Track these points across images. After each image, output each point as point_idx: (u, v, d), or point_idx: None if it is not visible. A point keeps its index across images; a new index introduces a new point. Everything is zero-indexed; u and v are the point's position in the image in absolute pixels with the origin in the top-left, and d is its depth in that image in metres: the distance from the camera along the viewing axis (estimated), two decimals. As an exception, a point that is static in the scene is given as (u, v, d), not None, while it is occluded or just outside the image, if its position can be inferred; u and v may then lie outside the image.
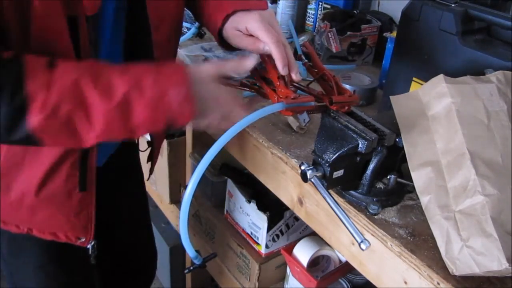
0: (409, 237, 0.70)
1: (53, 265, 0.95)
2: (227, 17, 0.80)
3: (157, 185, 1.66)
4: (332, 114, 0.73)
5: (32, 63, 0.61)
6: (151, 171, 1.11)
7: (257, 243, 1.26)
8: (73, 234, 0.87)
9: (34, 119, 0.60)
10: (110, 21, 0.77)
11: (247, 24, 0.77)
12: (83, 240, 0.89)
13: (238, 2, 0.80)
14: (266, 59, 0.77)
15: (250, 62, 0.73)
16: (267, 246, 1.24)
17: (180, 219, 0.73)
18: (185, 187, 1.54)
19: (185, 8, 0.93)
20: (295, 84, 0.80)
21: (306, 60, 0.84)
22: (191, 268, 0.85)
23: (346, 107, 0.74)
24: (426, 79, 0.72)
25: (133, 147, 1.15)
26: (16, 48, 0.64)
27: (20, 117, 0.60)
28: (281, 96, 0.73)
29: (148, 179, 1.16)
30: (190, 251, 0.80)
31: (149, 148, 1.02)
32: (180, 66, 0.68)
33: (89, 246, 0.90)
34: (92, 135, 0.63)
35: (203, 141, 1.38)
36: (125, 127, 0.64)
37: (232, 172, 1.34)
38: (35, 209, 0.82)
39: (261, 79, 0.78)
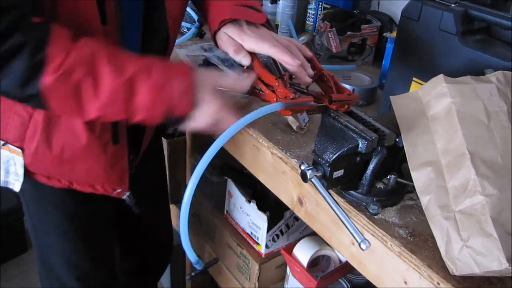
0: (409, 237, 0.70)
1: (75, 233, 1.01)
2: (224, 22, 0.81)
3: (157, 185, 1.66)
4: (332, 114, 0.73)
5: (58, 31, 0.67)
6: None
7: (257, 243, 1.26)
8: (109, 185, 0.93)
9: (47, 78, 0.65)
10: None
11: (255, 47, 0.78)
12: (119, 191, 0.95)
13: (239, 9, 0.82)
14: (258, 68, 0.78)
15: (247, 82, 0.75)
16: (267, 246, 1.24)
17: (180, 223, 0.72)
18: (185, 187, 1.55)
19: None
20: (294, 86, 0.81)
21: None
22: (193, 274, 0.83)
23: (346, 106, 0.74)
24: (426, 79, 0.72)
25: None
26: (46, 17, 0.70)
27: (36, 73, 0.65)
28: (280, 96, 0.74)
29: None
30: (191, 256, 0.79)
31: None
32: (187, 64, 0.73)
33: (124, 196, 0.97)
34: (95, 106, 0.68)
35: (203, 141, 1.38)
36: (126, 105, 0.68)
37: (232, 172, 1.34)
38: (74, 163, 0.88)
39: (259, 80, 0.78)
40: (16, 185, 0.90)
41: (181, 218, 0.72)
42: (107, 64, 0.67)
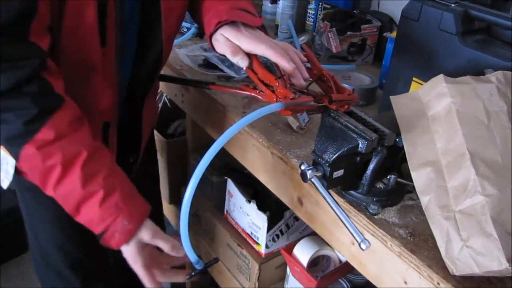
0: (409, 237, 0.70)
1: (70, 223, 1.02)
2: (220, 23, 0.80)
3: (157, 185, 1.66)
4: (332, 114, 0.73)
5: (68, 109, 0.72)
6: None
7: (257, 243, 1.25)
8: None
9: (29, 148, 0.69)
10: (128, 5, 0.83)
11: (250, 46, 0.78)
12: None
13: (236, 12, 0.81)
14: (258, 68, 0.78)
15: (182, 254, 0.80)
16: (267, 246, 1.24)
17: (180, 223, 0.72)
18: (186, 187, 1.54)
19: None
20: (294, 86, 0.81)
21: (304, 63, 0.84)
22: (193, 274, 0.84)
23: (346, 106, 0.74)
24: (426, 79, 0.72)
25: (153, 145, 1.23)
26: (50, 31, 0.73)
27: (21, 138, 0.69)
28: (280, 96, 0.74)
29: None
30: (191, 256, 0.79)
31: None
32: (146, 207, 0.79)
33: None
34: (51, 191, 0.74)
35: (203, 141, 1.38)
36: (74, 208, 0.74)
37: (232, 172, 1.34)
38: None
39: (259, 80, 0.78)
40: (4, 182, 0.91)
41: (181, 218, 0.72)
42: (80, 169, 0.71)
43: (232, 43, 0.79)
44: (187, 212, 0.71)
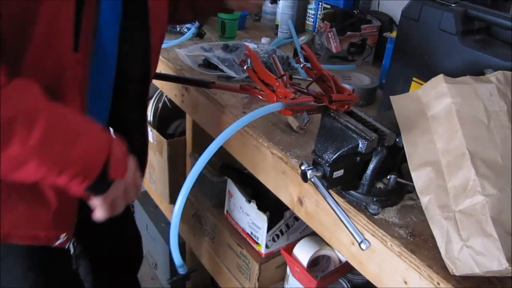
0: (409, 237, 0.70)
1: (35, 272, 0.94)
2: None
3: (157, 185, 1.66)
4: (332, 114, 0.73)
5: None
6: None
7: (257, 243, 1.26)
8: (54, 233, 0.86)
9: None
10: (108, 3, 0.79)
11: None
12: (63, 240, 0.88)
13: None
14: (260, 67, 0.77)
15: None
16: (267, 246, 1.24)
17: (171, 227, 0.70)
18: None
19: None
20: (294, 86, 0.81)
21: (305, 63, 0.84)
22: (175, 278, 0.80)
23: (346, 106, 0.74)
24: (426, 79, 0.72)
25: None
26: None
27: None
28: (280, 96, 0.74)
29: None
30: (177, 259, 0.77)
31: None
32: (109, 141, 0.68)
33: (68, 246, 0.90)
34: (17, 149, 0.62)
35: (203, 141, 1.38)
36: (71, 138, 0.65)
37: (232, 172, 1.34)
38: (17, 203, 0.79)
39: (259, 80, 0.79)
40: None
41: (172, 221, 0.69)
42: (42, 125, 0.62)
43: None
44: (179, 215, 0.69)
